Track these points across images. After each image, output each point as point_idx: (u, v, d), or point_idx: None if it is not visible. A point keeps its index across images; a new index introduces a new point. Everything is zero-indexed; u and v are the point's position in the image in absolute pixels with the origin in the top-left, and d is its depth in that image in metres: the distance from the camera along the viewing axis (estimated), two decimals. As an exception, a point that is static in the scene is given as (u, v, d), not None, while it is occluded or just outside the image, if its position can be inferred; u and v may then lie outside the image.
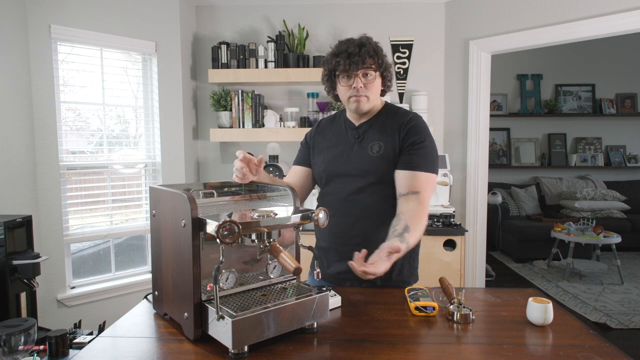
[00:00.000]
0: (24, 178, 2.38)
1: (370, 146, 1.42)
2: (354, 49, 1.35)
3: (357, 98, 1.39)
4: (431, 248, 2.80)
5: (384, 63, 1.41)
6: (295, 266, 0.96)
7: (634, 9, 2.48)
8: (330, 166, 1.47)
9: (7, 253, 1.90)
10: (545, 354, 0.96)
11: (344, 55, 1.36)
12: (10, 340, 1.31)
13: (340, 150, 1.47)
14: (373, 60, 1.37)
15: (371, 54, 1.36)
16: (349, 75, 1.38)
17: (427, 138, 1.39)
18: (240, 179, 1.24)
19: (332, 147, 1.50)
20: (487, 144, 3.18)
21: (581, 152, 5.77)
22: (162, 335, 1.05)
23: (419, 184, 1.33)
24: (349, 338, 1.03)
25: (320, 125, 1.61)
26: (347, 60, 1.35)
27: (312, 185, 1.60)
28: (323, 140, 1.54)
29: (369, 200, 1.40)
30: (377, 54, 1.38)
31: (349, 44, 1.38)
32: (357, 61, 1.35)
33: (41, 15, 2.42)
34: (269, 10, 3.30)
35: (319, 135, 1.57)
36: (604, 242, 4.10)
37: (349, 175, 1.43)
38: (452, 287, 1.22)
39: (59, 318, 2.56)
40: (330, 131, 1.55)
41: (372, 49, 1.37)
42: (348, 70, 1.37)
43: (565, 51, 5.48)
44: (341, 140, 1.49)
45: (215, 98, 3.17)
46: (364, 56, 1.35)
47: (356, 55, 1.35)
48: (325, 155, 1.50)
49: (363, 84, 1.38)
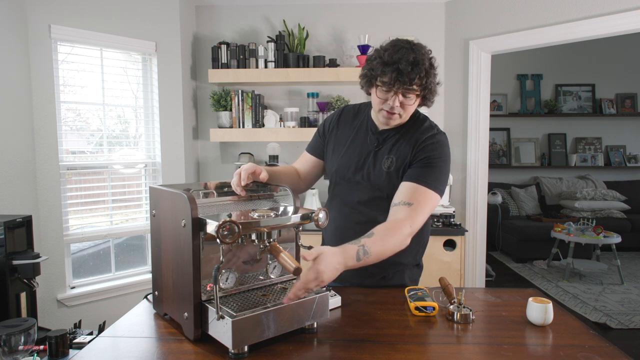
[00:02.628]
0: (24, 178, 2.38)
1: (383, 160, 1.36)
2: (406, 67, 1.21)
3: (390, 115, 1.30)
4: (431, 248, 2.79)
5: (430, 84, 1.28)
6: (295, 266, 0.96)
7: (634, 9, 2.48)
8: (342, 169, 1.42)
9: (7, 253, 1.90)
10: (545, 354, 0.96)
11: (392, 69, 1.22)
12: (10, 340, 1.31)
13: (357, 155, 1.40)
14: (420, 82, 1.24)
15: (422, 75, 1.23)
16: (388, 89, 1.26)
17: (442, 157, 1.31)
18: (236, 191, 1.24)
19: (349, 149, 1.43)
20: (487, 144, 3.18)
21: (581, 152, 5.76)
22: (162, 335, 1.05)
23: (415, 197, 1.24)
24: (349, 338, 1.03)
25: (342, 116, 1.51)
26: (394, 75, 1.22)
27: (320, 175, 1.56)
28: (341, 136, 1.47)
29: (373, 213, 1.36)
30: (427, 76, 1.25)
31: (402, 56, 1.22)
32: (404, 81, 1.22)
33: (41, 15, 2.42)
34: (269, 10, 3.30)
35: (338, 128, 1.49)
36: (604, 242, 4.10)
37: (359, 183, 1.39)
38: (452, 287, 1.22)
39: (59, 318, 2.56)
40: (351, 127, 1.46)
41: (425, 71, 1.23)
42: (391, 86, 1.25)
43: (565, 51, 5.48)
44: (359, 143, 1.42)
45: (215, 98, 3.17)
46: (413, 78, 1.22)
47: (405, 76, 1.22)
48: (341, 156, 1.44)
49: (400, 103, 1.28)
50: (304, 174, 1.53)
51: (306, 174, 1.53)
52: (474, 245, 3.21)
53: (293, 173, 1.51)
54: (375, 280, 1.42)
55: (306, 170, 1.53)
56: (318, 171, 1.55)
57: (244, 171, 1.21)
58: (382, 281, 1.42)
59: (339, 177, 1.43)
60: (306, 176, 1.53)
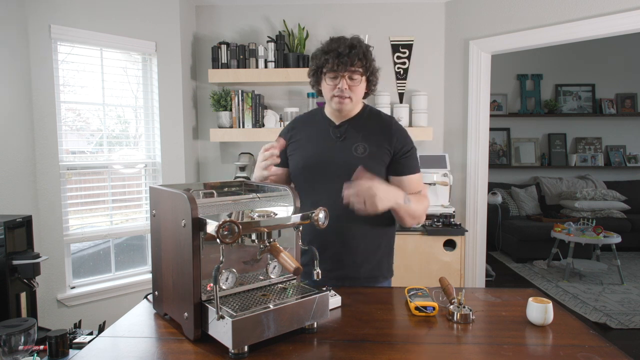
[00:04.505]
0: (24, 178, 2.38)
1: (354, 147, 1.43)
2: (344, 49, 1.35)
3: (341, 99, 1.40)
4: (431, 248, 2.80)
5: (371, 67, 1.41)
6: (295, 266, 0.96)
7: (634, 9, 2.48)
8: (311, 161, 1.45)
9: (7, 253, 1.90)
10: (545, 354, 0.96)
11: (333, 55, 1.36)
12: (10, 340, 1.31)
13: (321, 147, 1.46)
14: (361, 63, 1.37)
15: (360, 56, 1.36)
16: (335, 75, 1.38)
17: (412, 142, 1.51)
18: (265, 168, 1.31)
19: (312, 142, 1.48)
20: (487, 144, 3.18)
21: (581, 152, 5.77)
22: (162, 335, 1.05)
23: (419, 185, 1.49)
24: (349, 338, 1.03)
25: (296, 121, 1.59)
26: (336, 60, 1.35)
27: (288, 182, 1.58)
28: (300, 135, 1.52)
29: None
30: (366, 57, 1.38)
31: (340, 43, 1.37)
32: (345, 62, 1.35)
33: (41, 15, 2.42)
34: (269, 10, 3.30)
35: (295, 130, 1.54)
36: (604, 242, 4.10)
37: (334, 175, 1.39)
38: (452, 287, 1.22)
39: (59, 318, 2.56)
40: (308, 127, 1.53)
41: (362, 52, 1.37)
42: (335, 70, 1.36)
43: (565, 51, 5.48)
44: (321, 136, 1.48)
45: (215, 98, 3.17)
46: (353, 58, 1.35)
47: (345, 56, 1.34)
48: (306, 150, 1.48)
49: (348, 86, 1.38)
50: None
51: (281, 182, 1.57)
52: (474, 245, 3.21)
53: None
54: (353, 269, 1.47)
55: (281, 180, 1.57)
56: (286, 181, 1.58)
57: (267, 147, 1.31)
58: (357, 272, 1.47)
59: (308, 173, 1.46)
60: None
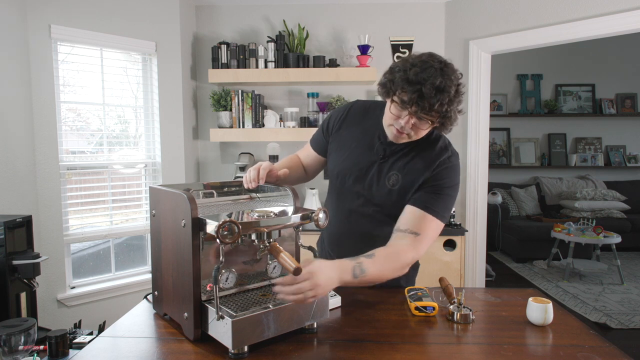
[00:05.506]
0: (24, 178, 2.38)
1: (388, 175, 1.29)
2: (430, 91, 1.09)
3: (399, 134, 1.21)
4: (431, 248, 2.77)
5: (450, 113, 1.16)
6: (295, 266, 0.96)
7: (634, 9, 2.48)
8: (343, 174, 1.36)
9: (7, 253, 1.90)
10: (545, 354, 0.96)
11: (414, 90, 1.10)
12: (10, 340, 1.31)
13: (360, 163, 1.33)
14: (440, 109, 1.13)
15: (443, 103, 1.11)
16: (403, 108, 1.15)
17: (454, 185, 1.26)
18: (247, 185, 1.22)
19: (353, 152, 1.35)
20: (487, 144, 3.18)
21: (581, 152, 5.76)
22: (162, 335, 1.05)
23: (423, 227, 1.20)
24: (349, 338, 1.03)
25: (350, 114, 1.41)
26: (414, 97, 1.11)
27: (322, 169, 1.55)
28: (346, 137, 1.38)
29: (367, 226, 1.34)
30: (450, 104, 1.13)
31: (429, 78, 1.09)
32: (423, 106, 1.11)
33: (41, 15, 2.42)
34: (269, 10, 3.30)
35: (344, 128, 1.40)
36: (604, 242, 4.10)
37: (358, 194, 1.34)
38: (452, 287, 1.22)
39: (59, 318, 2.56)
40: (359, 128, 1.37)
41: (448, 100, 1.12)
42: (408, 107, 1.14)
43: (565, 51, 5.48)
44: (365, 149, 1.33)
45: (215, 98, 3.17)
46: (433, 104, 1.10)
47: (426, 100, 1.10)
48: (344, 159, 1.37)
49: (412, 125, 1.17)
50: (307, 166, 1.52)
51: (309, 166, 1.52)
52: (474, 245, 3.21)
53: (299, 166, 1.51)
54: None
55: (308, 163, 1.52)
56: (320, 167, 1.54)
57: (263, 169, 1.20)
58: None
59: (339, 182, 1.38)
60: (309, 169, 1.53)
